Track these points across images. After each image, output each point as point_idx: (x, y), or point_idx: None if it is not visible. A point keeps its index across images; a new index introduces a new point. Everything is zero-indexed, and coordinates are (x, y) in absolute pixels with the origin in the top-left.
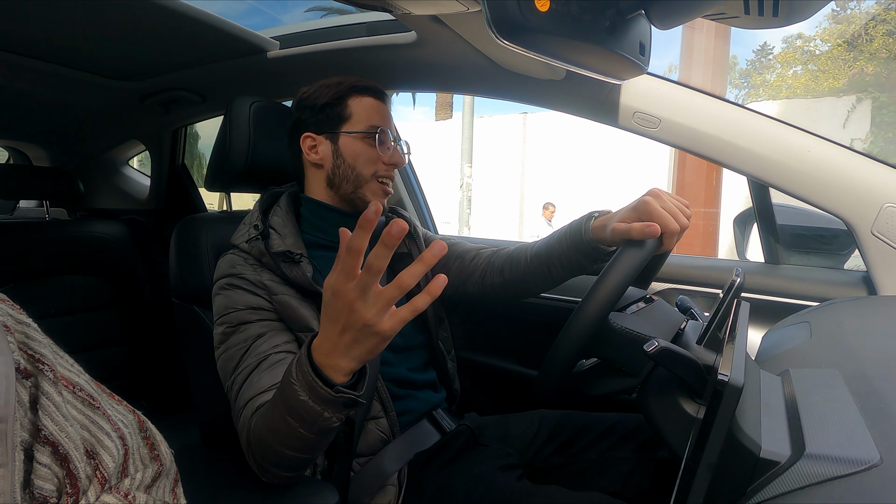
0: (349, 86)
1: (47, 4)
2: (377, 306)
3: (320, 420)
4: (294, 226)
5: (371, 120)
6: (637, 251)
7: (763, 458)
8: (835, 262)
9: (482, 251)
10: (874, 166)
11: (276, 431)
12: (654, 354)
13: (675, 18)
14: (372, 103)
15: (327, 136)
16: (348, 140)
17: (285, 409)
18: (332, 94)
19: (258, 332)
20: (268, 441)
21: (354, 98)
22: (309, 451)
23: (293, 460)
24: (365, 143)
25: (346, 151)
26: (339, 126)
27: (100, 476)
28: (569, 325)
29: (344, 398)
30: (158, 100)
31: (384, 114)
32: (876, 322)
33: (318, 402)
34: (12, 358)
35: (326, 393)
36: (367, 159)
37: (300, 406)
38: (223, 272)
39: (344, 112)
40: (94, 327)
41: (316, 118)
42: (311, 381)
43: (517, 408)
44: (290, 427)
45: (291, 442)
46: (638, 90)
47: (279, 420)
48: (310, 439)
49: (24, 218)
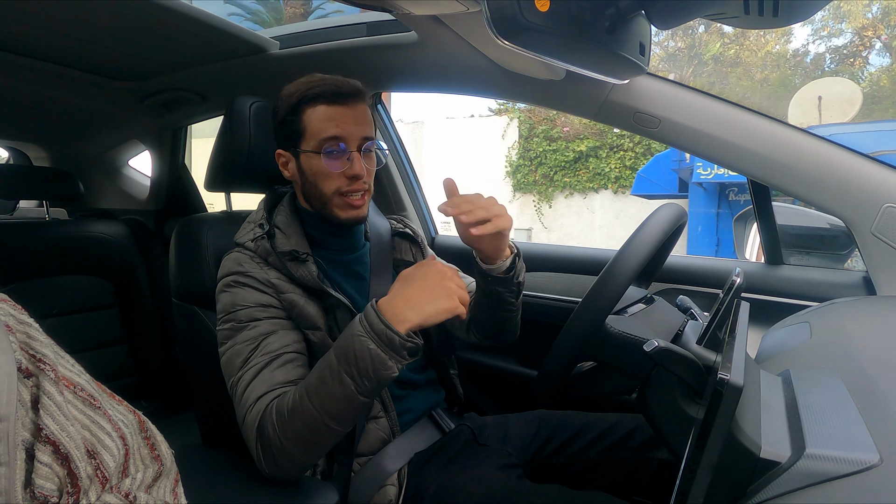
0: (300, 96)
1: (47, 4)
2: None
3: (383, 369)
4: (298, 225)
5: (323, 132)
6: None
7: (763, 458)
8: (834, 262)
9: None
10: (874, 166)
11: (322, 396)
12: (653, 354)
13: (675, 18)
14: (324, 112)
15: (291, 152)
16: (306, 158)
17: (344, 365)
18: (286, 109)
19: (268, 330)
20: (303, 414)
21: (306, 109)
22: (346, 421)
23: (322, 435)
24: (319, 161)
25: (307, 169)
26: (298, 143)
27: (100, 476)
28: (569, 325)
29: (410, 344)
30: (159, 100)
31: (342, 119)
32: (876, 322)
33: (386, 349)
34: (14, 357)
35: (396, 337)
36: (325, 177)
37: (367, 355)
38: (229, 269)
39: (299, 127)
40: (94, 327)
41: (279, 134)
42: (382, 329)
43: (517, 408)
44: (344, 386)
45: (336, 406)
46: (638, 90)
47: (332, 382)
48: (357, 402)
49: (25, 218)
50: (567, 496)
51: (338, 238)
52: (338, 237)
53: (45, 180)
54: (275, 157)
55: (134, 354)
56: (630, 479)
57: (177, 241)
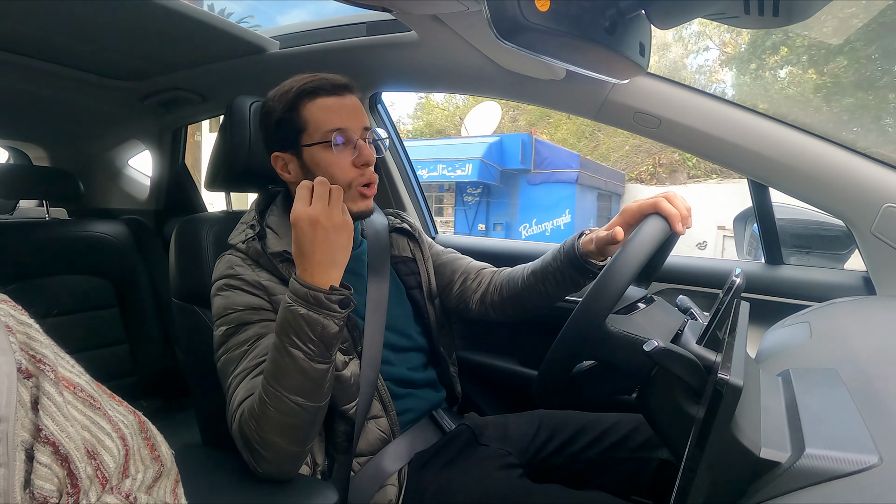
0: (297, 92)
1: (47, 4)
2: (336, 209)
3: (320, 329)
4: (290, 225)
5: (327, 123)
6: (634, 251)
7: (763, 458)
8: (834, 262)
9: (484, 270)
10: (874, 166)
11: (279, 376)
12: (653, 354)
13: (675, 18)
14: (325, 103)
15: (292, 152)
16: (311, 152)
17: (286, 339)
18: (283, 107)
19: (258, 333)
20: (271, 401)
21: (305, 103)
22: (313, 395)
23: (298, 416)
24: (327, 152)
25: (312, 165)
26: (299, 139)
27: (101, 476)
28: (569, 325)
29: (338, 296)
30: (158, 100)
31: (343, 110)
32: (876, 322)
33: (317, 309)
34: (14, 358)
35: (321, 295)
36: (335, 168)
37: (302, 321)
38: (221, 273)
39: (299, 123)
40: (94, 327)
41: (276, 136)
42: (306, 293)
43: (517, 408)
44: (294, 359)
45: (296, 381)
46: (638, 90)
47: (283, 359)
48: (313, 370)
49: (25, 218)
50: (567, 496)
51: None
52: None
53: (45, 180)
54: (271, 161)
55: (134, 354)
56: (630, 479)
57: (177, 240)
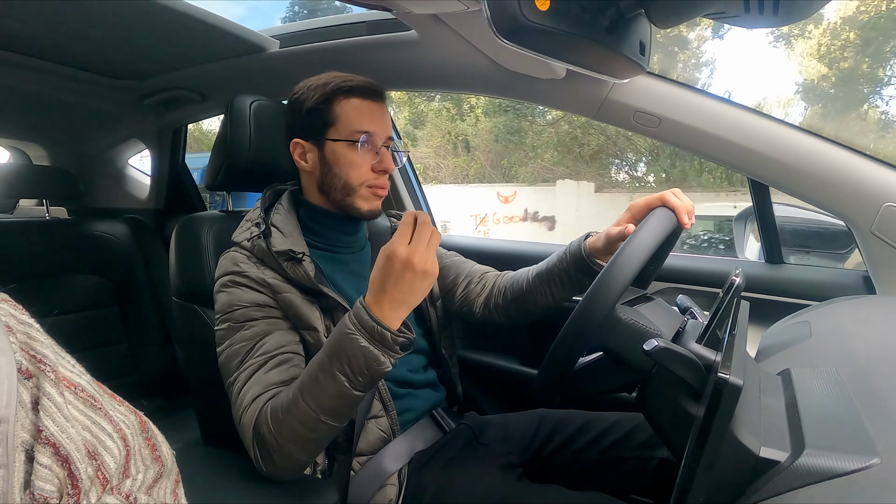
0: (335, 87)
1: (47, 4)
2: (432, 254)
3: (376, 365)
4: (296, 225)
5: (357, 124)
6: (644, 239)
7: (763, 457)
8: (834, 261)
9: (488, 274)
10: (874, 166)
11: (316, 394)
12: (653, 353)
13: (676, 18)
14: (359, 105)
15: (314, 142)
16: (333, 147)
17: (336, 363)
18: (317, 98)
19: (264, 330)
20: (298, 413)
21: (340, 100)
22: (343, 417)
23: (319, 432)
24: (351, 151)
25: (332, 159)
26: (325, 132)
27: (101, 477)
28: (570, 322)
29: (402, 339)
30: (159, 99)
31: (374, 115)
32: (876, 322)
33: (379, 345)
34: (14, 359)
35: (388, 334)
36: (353, 168)
37: (359, 353)
38: (226, 269)
39: (329, 116)
40: (94, 326)
41: (303, 123)
42: (372, 327)
43: (517, 407)
44: (338, 383)
45: (331, 403)
46: (638, 90)
47: (325, 379)
48: (351, 397)
49: (25, 217)
50: (567, 496)
51: (344, 235)
52: (345, 234)
53: (45, 179)
54: (289, 147)
55: (134, 353)
56: (630, 478)
57: (177, 239)
